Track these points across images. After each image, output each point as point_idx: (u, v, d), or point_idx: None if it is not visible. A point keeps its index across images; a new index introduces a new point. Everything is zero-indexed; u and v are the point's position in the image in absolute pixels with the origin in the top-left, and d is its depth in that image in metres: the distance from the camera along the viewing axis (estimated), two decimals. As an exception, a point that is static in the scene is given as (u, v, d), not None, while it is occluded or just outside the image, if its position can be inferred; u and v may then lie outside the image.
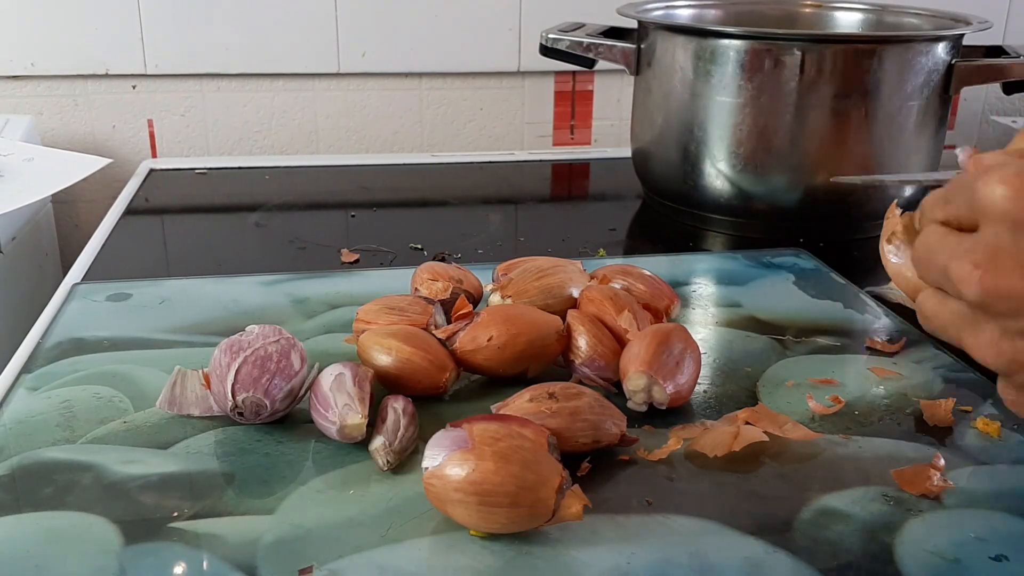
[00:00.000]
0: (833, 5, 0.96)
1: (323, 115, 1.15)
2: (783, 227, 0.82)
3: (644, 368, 0.49)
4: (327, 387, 0.47)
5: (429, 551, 0.40)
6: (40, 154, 0.90)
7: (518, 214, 0.92)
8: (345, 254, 0.76)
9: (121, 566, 0.39)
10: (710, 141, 0.81)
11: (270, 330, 0.50)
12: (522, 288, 0.58)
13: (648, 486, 0.45)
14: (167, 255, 0.80)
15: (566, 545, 0.41)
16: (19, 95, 1.08)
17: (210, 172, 1.02)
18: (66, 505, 0.43)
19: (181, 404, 0.50)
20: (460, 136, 1.18)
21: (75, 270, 0.73)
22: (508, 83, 1.17)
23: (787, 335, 0.61)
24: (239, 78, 1.11)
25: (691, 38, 0.81)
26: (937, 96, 0.80)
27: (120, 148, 1.12)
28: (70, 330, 0.60)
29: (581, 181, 1.07)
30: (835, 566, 0.40)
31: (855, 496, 0.44)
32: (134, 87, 1.10)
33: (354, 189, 0.98)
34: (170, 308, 0.64)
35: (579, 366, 0.53)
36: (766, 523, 0.42)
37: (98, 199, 1.11)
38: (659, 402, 0.50)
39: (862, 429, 0.50)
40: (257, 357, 0.48)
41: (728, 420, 0.50)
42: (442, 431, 0.42)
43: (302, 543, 0.41)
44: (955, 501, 0.44)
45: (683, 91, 0.82)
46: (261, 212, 0.88)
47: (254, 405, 0.47)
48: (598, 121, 1.21)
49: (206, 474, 0.46)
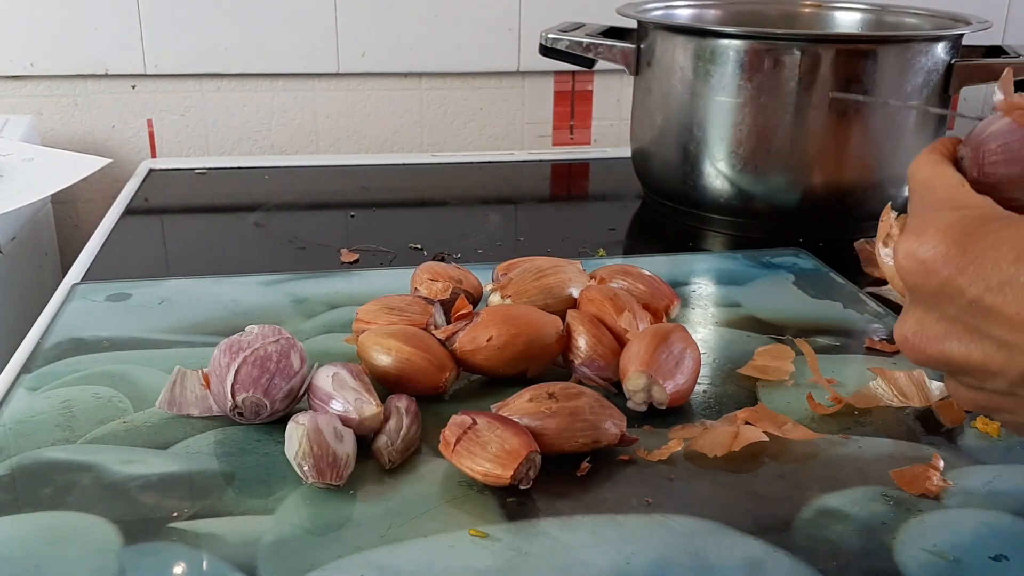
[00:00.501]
0: (833, 5, 0.96)
1: (323, 115, 1.15)
2: (783, 227, 0.82)
3: (644, 368, 0.49)
4: (329, 386, 0.47)
5: (429, 551, 0.40)
6: (40, 154, 0.90)
7: (518, 214, 0.92)
8: (345, 254, 0.76)
9: (121, 566, 0.39)
10: (710, 141, 0.81)
11: (269, 330, 0.50)
12: (522, 288, 0.58)
13: (648, 486, 0.45)
14: (167, 255, 0.80)
15: (566, 545, 0.41)
16: (19, 95, 1.08)
17: (210, 172, 1.02)
18: (66, 505, 0.43)
19: (181, 404, 0.50)
20: (460, 136, 1.18)
21: (75, 270, 0.73)
22: (508, 83, 1.17)
23: (787, 335, 0.61)
24: (239, 78, 1.11)
25: (691, 38, 0.81)
26: (936, 96, 0.80)
27: (120, 148, 1.12)
28: (70, 330, 0.60)
29: (581, 181, 1.07)
30: (835, 566, 0.40)
31: (855, 496, 0.44)
32: (134, 87, 1.10)
33: (354, 189, 0.98)
34: (170, 308, 0.64)
35: (579, 366, 0.53)
36: (766, 523, 0.42)
37: (98, 199, 1.11)
38: (659, 402, 0.50)
39: (862, 429, 0.50)
40: (257, 357, 0.48)
41: (728, 420, 0.50)
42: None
43: (302, 543, 0.41)
44: (955, 501, 0.44)
45: (683, 91, 0.82)
46: (261, 212, 0.88)
47: (254, 405, 0.48)
48: (598, 121, 1.21)
49: (206, 474, 0.45)
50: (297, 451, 0.44)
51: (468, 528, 0.42)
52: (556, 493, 0.44)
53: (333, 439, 0.44)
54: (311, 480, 0.43)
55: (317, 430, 0.44)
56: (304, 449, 0.44)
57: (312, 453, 0.43)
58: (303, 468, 0.43)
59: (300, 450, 0.44)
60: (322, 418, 0.45)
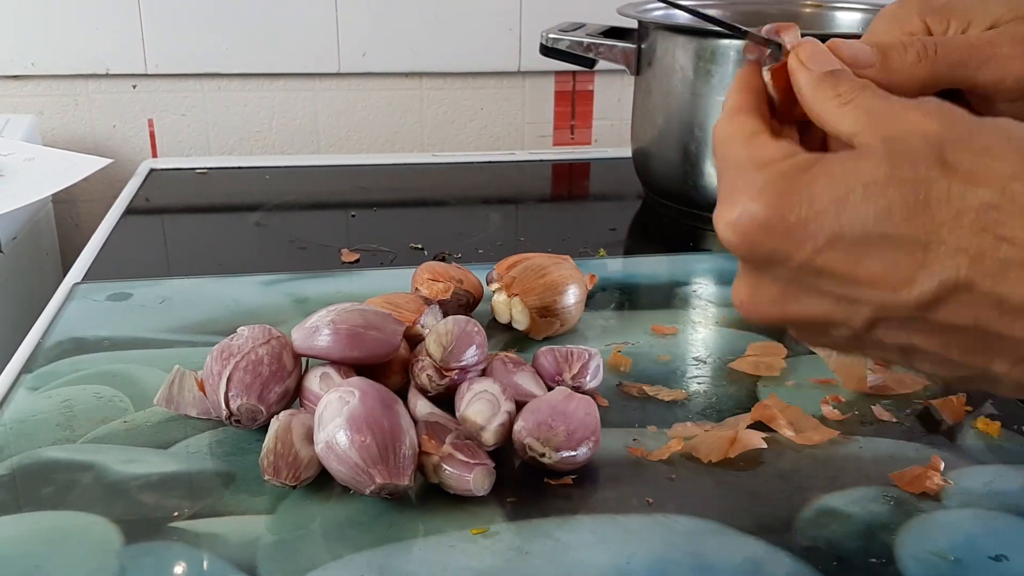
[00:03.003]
0: (833, 5, 0.96)
1: (323, 115, 1.15)
2: (783, 227, 0.81)
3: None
4: (316, 387, 0.48)
5: (431, 550, 0.40)
6: (40, 154, 0.90)
7: (518, 214, 0.92)
8: (345, 254, 0.76)
9: (121, 565, 0.39)
10: (710, 141, 0.81)
11: (259, 331, 0.49)
12: (528, 286, 0.58)
13: (648, 486, 0.45)
14: (167, 255, 0.80)
15: (566, 545, 0.41)
16: (20, 95, 1.08)
17: (210, 172, 1.02)
18: (66, 504, 0.43)
19: (179, 403, 0.50)
20: (460, 136, 1.18)
21: (75, 270, 0.73)
22: (508, 83, 1.17)
23: (786, 335, 0.61)
24: (239, 78, 1.11)
25: (691, 38, 0.81)
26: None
27: (120, 148, 1.12)
28: (70, 330, 0.60)
29: (581, 181, 1.07)
30: (835, 566, 0.40)
31: (855, 496, 0.44)
32: (134, 87, 1.10)
33: (354, 189, 0.98)
34: (170, 308, 0.64)
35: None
36: (766, 523, 0.42)
37: (98, 199, 1.11)
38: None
39: (862, 429, 0.50)
40: (248, 362, 0.47)
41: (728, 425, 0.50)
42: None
43: (302, 543, 0.41)
44: (955, 501, 0.44)
45: (683, 91, 0.82)
46: (261, 212, 0.88)
47: (249, 412, 0.47)
48: (598, 121, 1.21)
49: (206, 474, 0.46)
50: (264, 446, 0.44)
51: (468, 528, 0.42)
52: (556, 493, 0.44)
53: (300, 440, 0.44)
54: (266, 477, 0.43)
55: (287, 428, 0.44)
56: (268, 445, 0.44)
57: (274, 450, 0.43)
58: (263, 464, 0.43)
59: (266, 446, 0.44)
60: (298, 417, 0.45)
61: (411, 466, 0.42)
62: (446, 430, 0.44)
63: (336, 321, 0.48)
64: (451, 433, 0.44)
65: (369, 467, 0.41)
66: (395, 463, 0.42)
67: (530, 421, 0.45)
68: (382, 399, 0.44)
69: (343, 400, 0.43)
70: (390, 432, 0.42)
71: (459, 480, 0.43)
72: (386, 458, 0.41)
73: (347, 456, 0.42)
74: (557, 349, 0.53)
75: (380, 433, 0.42)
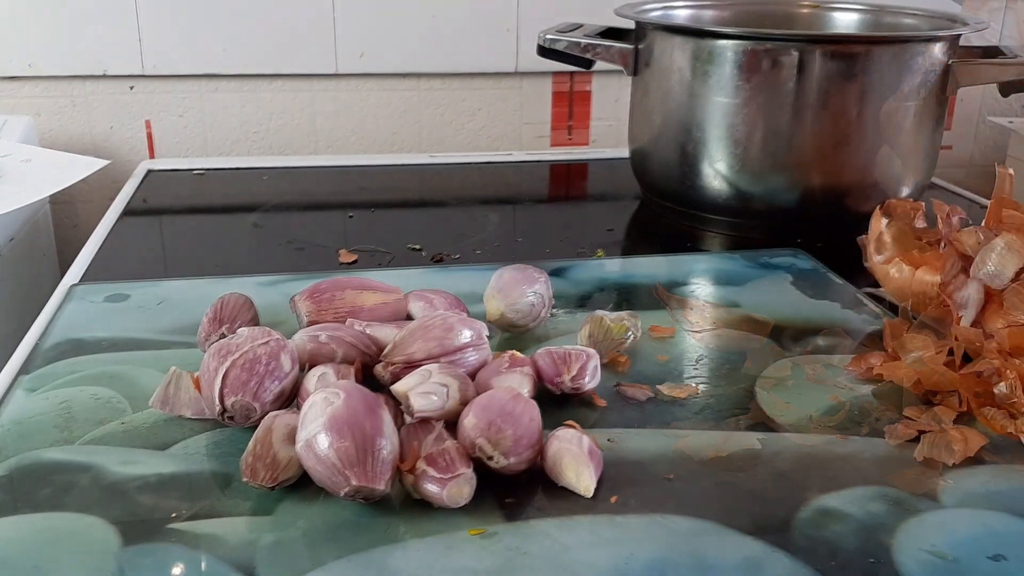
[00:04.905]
0: (831, 5, 0.96)
1: (321, 116, 1.15)
2: (781, 227, 0.82)
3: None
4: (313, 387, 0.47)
5: (429, 551, 0.40)
6: (38, 155, 0.90)
7: (516, 214, 0.92)
8: (343, 255, 0.76)
9: (119, 567, 0.39)
10: (708, 141, 0.81)
11: (259, 332, 0.49)
12: None
13: (648, 486, 0.45)
14: (165, 256, 0.80)
15: (565, 545, 0.41)
16: (17, 96, 1.08)
17: (208, 173, 1.02)
18: (64, 506, 0.43)
19: (174, 405, 0.50)
20: (458, 137, 1.18)
21: (73, 271, 0.73)
22: (506, 84, 1.17)
23: (785, 335, 0.61)
24: (237, 79, 1.11)
25: (689, 39, 0.81)
26: (934, 97, 0.80)
27: (118, 149, 1.12)
28: (68, 331, 0.60)
29: (579, 182, 1.07)
30: (834, 566, 0.40)
31: (854, 496, 0.44)
32: (132, 88, 1.10)
33: (352, 189, 0.98)
34: (168, 309, 0.64)
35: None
36: (765, 523, 0.42)
37: (96, 200, 1.11)
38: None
39: (861, 429, 0.50)
40: (245, 360, 0.47)
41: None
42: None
43: (301, 543, 0.41)
44: (954, 501, 0.44)
45: (681, 92, 0.82)
46: (259, 213, 0.88)
47: (243, 409, 0.47)
48: (596, 122, 1.21)
49: (204, 475, 0.45)
50: (247, 448, 0.44)
51: (467, 528, 0.42)
52: (556, 493, 0.44)
53: (280, 441, 0.44)
54: (244, 479, 0.43)
55: (267, 430, 0.44)
56: (248, 446, 0.44)
57: (253, 451, 0.43)
58: (241, 465, 0.43)
59: (248, 446, 0.44)
60: (282, 419, 0.45)
61: (388, 472, 0.42)
62: (422, 438, 0.44)
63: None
64: (426, 441, 0.44)
65: (345, 468, 0.41)
66: (372, 467, 0.41)
67: (481, 419, 0.45)
68: (367, 402, 0.43)
69: (328, 401, 0.43)
70: (371, 436, 0.42)
71: (435, 496, 0.42)
72: (363, 461, 0.41)
73: (325, 456, 0.41)
74: (555, 350, 0.53)
75: (360, 436, 0.42)
